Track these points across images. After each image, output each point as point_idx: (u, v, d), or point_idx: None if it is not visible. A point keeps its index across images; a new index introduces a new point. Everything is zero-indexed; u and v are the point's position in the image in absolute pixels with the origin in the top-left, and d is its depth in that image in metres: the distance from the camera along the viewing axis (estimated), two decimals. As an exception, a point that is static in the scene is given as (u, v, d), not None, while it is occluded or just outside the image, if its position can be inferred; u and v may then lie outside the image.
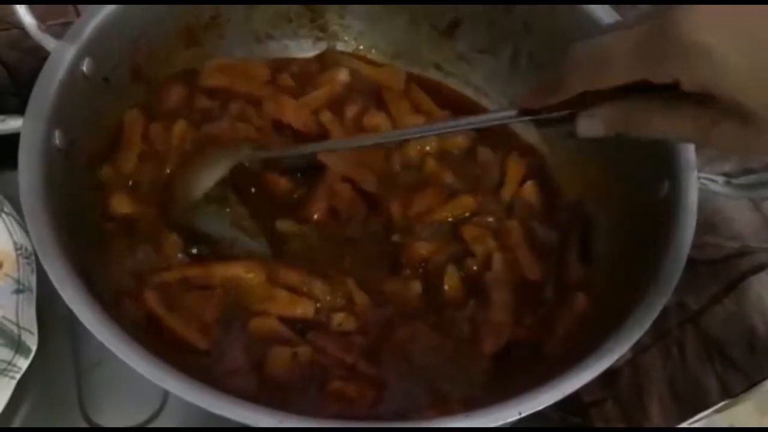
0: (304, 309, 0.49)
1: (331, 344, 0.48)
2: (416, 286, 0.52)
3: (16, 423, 0.54)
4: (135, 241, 0.50)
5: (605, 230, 0.55)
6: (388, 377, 0.47)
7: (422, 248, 0.53)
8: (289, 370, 0.46)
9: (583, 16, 0.54)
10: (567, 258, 0.55)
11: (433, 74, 0.65)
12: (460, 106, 0.63)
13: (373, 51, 0.65)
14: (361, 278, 0.51)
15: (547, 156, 0.60)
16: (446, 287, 0.52)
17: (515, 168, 0.58)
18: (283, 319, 0.49)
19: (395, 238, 0.54)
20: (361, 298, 0.50)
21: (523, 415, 0.37)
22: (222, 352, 0.47)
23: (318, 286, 0.50)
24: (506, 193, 0.57)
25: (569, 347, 0.48)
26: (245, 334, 0.48)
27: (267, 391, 0.46)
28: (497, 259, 0.53)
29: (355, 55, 0.64)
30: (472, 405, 0.39)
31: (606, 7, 0.53)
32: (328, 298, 0.50)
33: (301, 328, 0.49)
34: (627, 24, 0.34)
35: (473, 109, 0.63)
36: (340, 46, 0.65)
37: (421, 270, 0.53)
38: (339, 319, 0.50)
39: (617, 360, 0.40)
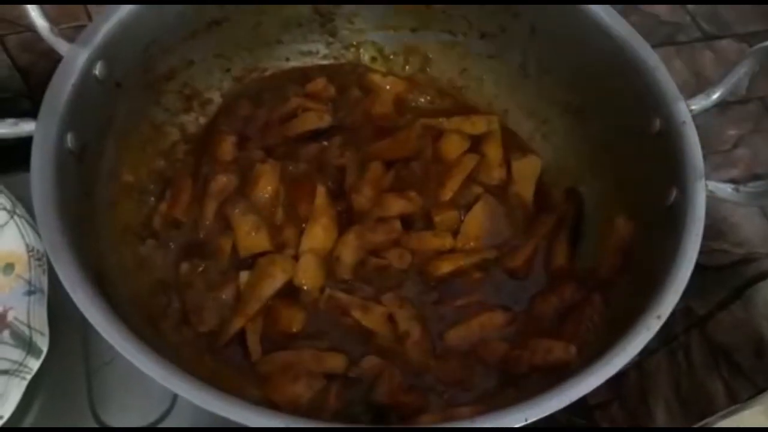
0: None
1: None
2: None
3: (27, 423, 0.54)
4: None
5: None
6: None
7: None
8: None
9: (586, 18, 0.54)
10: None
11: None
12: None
13: (383, 55, 0.65)
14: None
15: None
16: None
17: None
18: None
19: None
20: None
21: (530, 421, 0.37)
22: None
23: None
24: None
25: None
26: None
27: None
28: None
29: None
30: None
31: (608, 7, 0.53)
32: None
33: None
34: None
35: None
36: (350, 52, 0.65)
37: None
38: None
39: (623, 363, 0.40)
